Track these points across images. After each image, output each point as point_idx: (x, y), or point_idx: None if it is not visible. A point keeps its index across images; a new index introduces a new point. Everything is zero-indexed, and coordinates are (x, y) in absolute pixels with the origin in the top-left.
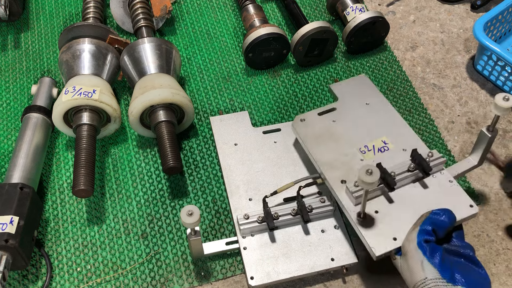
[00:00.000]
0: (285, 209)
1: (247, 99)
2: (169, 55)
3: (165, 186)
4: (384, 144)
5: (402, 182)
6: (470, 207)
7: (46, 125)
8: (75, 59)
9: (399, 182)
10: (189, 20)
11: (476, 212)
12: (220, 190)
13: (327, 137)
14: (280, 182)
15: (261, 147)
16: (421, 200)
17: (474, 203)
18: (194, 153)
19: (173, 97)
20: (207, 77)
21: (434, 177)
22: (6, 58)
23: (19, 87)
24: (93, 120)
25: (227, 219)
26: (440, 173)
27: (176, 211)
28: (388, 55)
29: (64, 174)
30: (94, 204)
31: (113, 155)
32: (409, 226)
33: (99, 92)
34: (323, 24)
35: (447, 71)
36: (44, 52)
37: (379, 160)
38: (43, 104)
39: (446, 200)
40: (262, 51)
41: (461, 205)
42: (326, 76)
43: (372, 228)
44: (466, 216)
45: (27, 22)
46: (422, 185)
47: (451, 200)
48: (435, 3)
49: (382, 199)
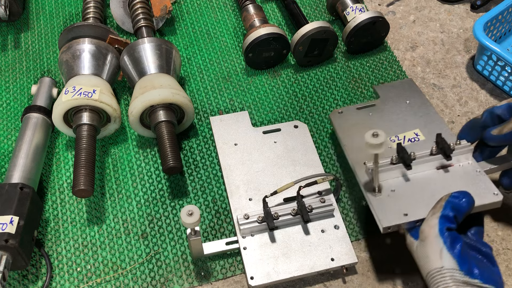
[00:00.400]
0: (285, 209)
1: (247, 99)
2: (169, 55)
3: (165, 186)
4: (415, 136)
5: (424, 166)
6: (494, 195)
7: (46, 125)
8: (75, 59)
9: (420, 165)
10: (189, 20)
11: (500, 200)
12: (220, 190)
13: (361, 127)
14: (280, 182)
15: (261, 147)
16: (441, 184)
17: (498, 191)
18: (194, 153)
19: (173, 97)
20: (207, 77)
21: (461, 166)
22: (6, 58)
23: (19, 87)
24: (93, 120)
25: (227, 219)
26: (467, 163)
27: (176, 211)
28: (388, 55)
29: (64, 174)
30: (94, 204)
31: (113, 155)
32: (423, 204)
33: (99, 92)
34: (323, 24)
35: (447, 71)
36: (44, 52)
37: (407, 148)
38: (43, 104)
39: (468, 186)
40: (262, 51)
41: (484, 191)
42: (326, 76)
43: (384, 203)
44: (488, 202)
45: (27, 22)
46: (445, 171)
47: (474, 187)
48: (435, 3)
49: (401, 180)
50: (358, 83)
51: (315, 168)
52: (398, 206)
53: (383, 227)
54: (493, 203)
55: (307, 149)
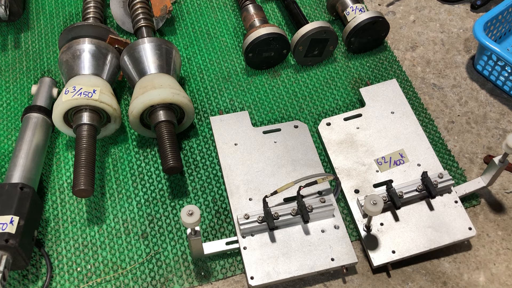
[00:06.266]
0: (285, 209)
1: (247, 99)
2: (169, 55)
3: (165, 186)
4: (400, 157)
5: (409, 199)
6: (468, 230)
7: (46, 125)
8: (75, 59)
9: (406, 199)
10: (189, 20)
11: (473, 235)
12: (220, 190)
13: (348, 144)
14: (280, 182)
15: (261, 147)
16: (424, 218)
17: (473, 226)
18: (194, 153)
19: (173, 97)
20: (207, 77)
21: (442, 195)
22: (6, 58)
23: (19, 87)
24: (93, 120)
25: (227, 219)
26: (448, 193)
27: (176, 211)
28: (388, 55)
29: (64, 174)
30: (94, 204)
31: (113, 155)
32: (409, 241)
33: (99, 92)
34: (323, 24)
35: (447, 71)
36: (44, 52)
37: (393, 172)
38: (43, 104)
39: (447, 220)
40: (262, 51)
41: (459, 227)
42: (326, 76)
43: (375, 239)
44: (462, 238)
45: (27, 22)
46: (428, 203)
47: (452, 221)
48: (435, 3)
49: (389, 213)
50: (358, 83)
51: (315, 168)
52: (386, 243)
53: (375, 266)
54: (466, 238)
55: (307, 149)
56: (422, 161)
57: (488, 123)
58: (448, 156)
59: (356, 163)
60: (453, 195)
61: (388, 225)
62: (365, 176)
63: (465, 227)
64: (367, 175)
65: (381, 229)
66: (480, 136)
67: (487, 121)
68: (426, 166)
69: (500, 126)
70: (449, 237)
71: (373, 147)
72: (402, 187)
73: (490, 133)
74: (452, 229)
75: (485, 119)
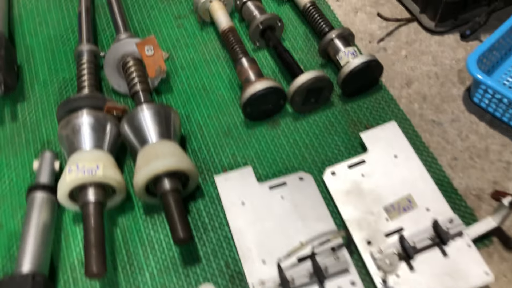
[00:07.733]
0: (300, 271)
1: (249, 153)
2: (168, 119)
3: (176, 253)
4: (409, 203)
5: (422, 247)
6: (485, 275)
7: (52, 203)
8: (75, 134)
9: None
10: (183, 75)
11: (492, 280)
12: (231, 252)
13: (356, 193)
14: (291, 240)
15: (269, 204)
16: (439, 266)
17: (489, 270)
18: (202, 216)
19: (177, 165)
20: (208, 133)
21: (454, 240)
22: (4, 132)
23: (20, 161)
24: (100, 196)
25: (242, 283)
26: (460, 237)
27: (189, 279)
28: (384, 94)
29: (74, 250)
30: (107, 279)
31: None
32: None
33: (103, 167)
34: (318, 74)
35: (444, 105)
36: (42, 122)
37: (403, 220)
38: (47, 181)
39: (463, 267)
40: (259, 104)
41: (475, 272)
42: (325, 121)
43: None
44: (479, 284)
45: (23, 92)
46: (441, 249)
47: (467, 266)
48: (424, 35)
49: (403, 263)
50: (357, 126)
51: (325, 222)
52: None
53: None
54: (485, 283)
55: (315, 202)
56: (430, 205)
57: (491, 156)
58: (455, 195)
59: (365, 213)
60: (465, 238)
61: (404, 276)
62: (376, 226)
63: (481, 272)
64: (377, 225)
65: (398, 282)
66: (485, 171)
67: (490, 154)
68: (435, 210)
69: (503, 159)
70: (466, 284)
71: (380, 194)
72: (414, 236)
73: (494, 167)
74: (468, 275)
75: (487, 152)
